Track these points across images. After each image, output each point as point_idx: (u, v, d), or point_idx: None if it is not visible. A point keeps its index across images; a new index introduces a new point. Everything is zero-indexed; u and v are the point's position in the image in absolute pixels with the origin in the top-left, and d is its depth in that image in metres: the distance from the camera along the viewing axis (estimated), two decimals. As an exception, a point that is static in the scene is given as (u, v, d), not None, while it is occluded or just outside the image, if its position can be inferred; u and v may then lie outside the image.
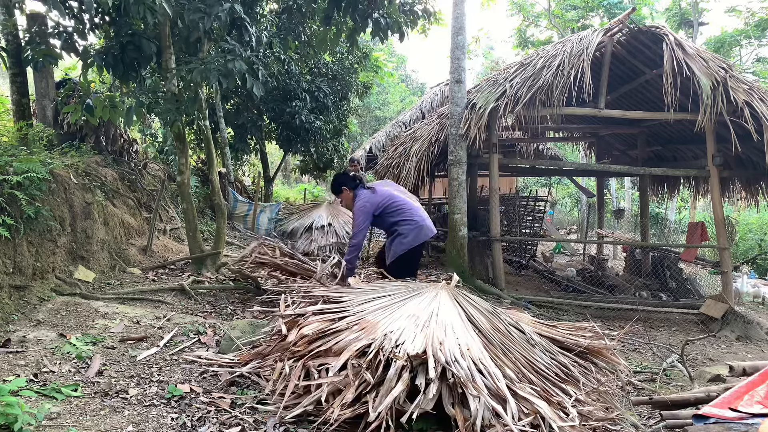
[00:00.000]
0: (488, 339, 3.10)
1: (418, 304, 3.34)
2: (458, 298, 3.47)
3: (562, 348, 3.38)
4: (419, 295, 3.47)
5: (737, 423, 2.40)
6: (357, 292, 3.69)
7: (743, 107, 6.32)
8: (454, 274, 4.19)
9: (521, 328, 3.39)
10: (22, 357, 3.31)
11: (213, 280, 5.78)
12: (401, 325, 3.07)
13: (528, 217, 12.07)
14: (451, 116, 7.51)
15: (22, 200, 4.09)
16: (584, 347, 3.40)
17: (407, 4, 6.24)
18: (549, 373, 3.03)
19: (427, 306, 3.32)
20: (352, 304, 3.41)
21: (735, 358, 5.30)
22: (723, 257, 7.24)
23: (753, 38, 17.83)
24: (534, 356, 3.12)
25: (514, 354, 3.06)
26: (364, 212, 4.67)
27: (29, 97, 6.04)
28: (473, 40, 23.29)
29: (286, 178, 22.72)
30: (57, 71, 6.85)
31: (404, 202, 4.74)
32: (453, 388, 2.60)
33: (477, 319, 3.27)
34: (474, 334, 3.09)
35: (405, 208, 4.70)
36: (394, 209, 4.69)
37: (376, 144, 13.87)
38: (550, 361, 3.15)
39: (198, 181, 9.43)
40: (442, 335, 2.94)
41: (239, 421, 2.74)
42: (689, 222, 13.50)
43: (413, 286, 3.74)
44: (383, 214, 4.71)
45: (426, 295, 3.48)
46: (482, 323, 3.24)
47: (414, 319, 3.14)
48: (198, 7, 4.89)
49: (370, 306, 3.36)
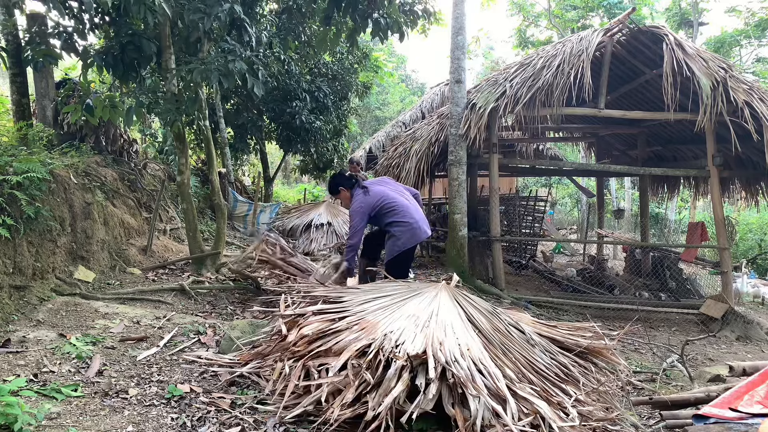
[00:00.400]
0: (488, 339, 3.10)
1: (418, 304, 3.34)
2: (458, 299, 3.47)
3: (562, 348, 3.39)
4: (419, 295, 3.48)
5: (737, 423, 2.40)
6: (357, 292, 3.69)
7: (743, 107, 6.32)
8: (454, 274, 4.19)
9: (521, 328, 3.39)
10: (22, 357, 3.31)
11: (213, 280, 5.78)
12: (401, 325, 3.07)
13: (528, 217, 12.07)
14: (451, 116, 7.51)
15: (22, 200, 4.08)
16: (584, 347, 3.40)
17: (407, 4, 6.24)
18: (549, 373, 3.03)
19: (427, 306, 3.32)
20: (352, 304, 3.41)
21: (735, 358, 5.30)
22: (723, 257, 7.24)
23: (753, 38, 17.83)
24: (534, 356, 3.13)
25: (514, 354, 3.06)
26: (359, 213, 4.63)
27: (29, 97, 6.03)
28: (473, 40, 23.30)
29: (286, 178, 22.72)
30: (57, 71, 6.85)
31: (398, 203, 4.63)
32: (453, 388, 2.60)
33: (477, 318, 3.27)
34: (474, 334, 3.09)
35: (399, 208, 4.63)
36: (387, 209, 4.64)
37: (376, 144, 13.87)
38: (550, 362, 3.16)
39: (198, 181, 9.43)
40: (442, 335, 2.95)
41: (239, 421, 2.74)
42: (689, 222, 13.50)
43: (413, 286, 3.74)
44: (378, 214, 4.67)
45: (426, 295, 3.48)
46: (482, 323, 3.24)
47: (414, 319, 3.14)
48: (198, 7, 4.89)
49: (370, 306, 3.36)
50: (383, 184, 4.95)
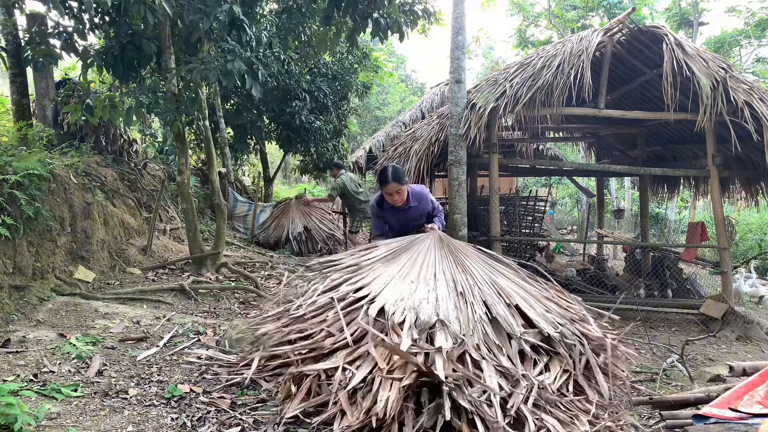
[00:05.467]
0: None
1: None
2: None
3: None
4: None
5: (737, 423, 2.40)
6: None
7: (743, 107, 6.32)
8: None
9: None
10: (22, 357, 3.31)
11: (213, 280, 5.78)
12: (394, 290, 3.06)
13: (528, 217, 12.06)
14: (451, 116, 7.50)
15: (22, 200, 4.08)
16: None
17: (407, 4, 6.24)
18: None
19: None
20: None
21: (735, 358, 5.30)
22: (723, 257, 7.23)
23: (753, 38, 17.82)
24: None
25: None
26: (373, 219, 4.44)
27: (29, 97, 6.04)
28: (473, 40, 23.29)
29: (286, 178, 22.71)
30: (57, 71, 6.85)
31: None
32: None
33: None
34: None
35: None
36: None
37: (376, 144, 13.86)
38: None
39: (198, 181, 9.43)
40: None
41: (239, 421, 2.74)
42: (689, 222, 13.50)
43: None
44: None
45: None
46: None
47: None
48: (198, 7, 4.89)
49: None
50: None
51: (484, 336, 2.96)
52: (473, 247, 3.89)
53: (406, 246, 3.67)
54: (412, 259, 3.51)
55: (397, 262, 3.50)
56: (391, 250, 3.65)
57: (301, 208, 9.62)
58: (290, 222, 9.36)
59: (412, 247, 3.63)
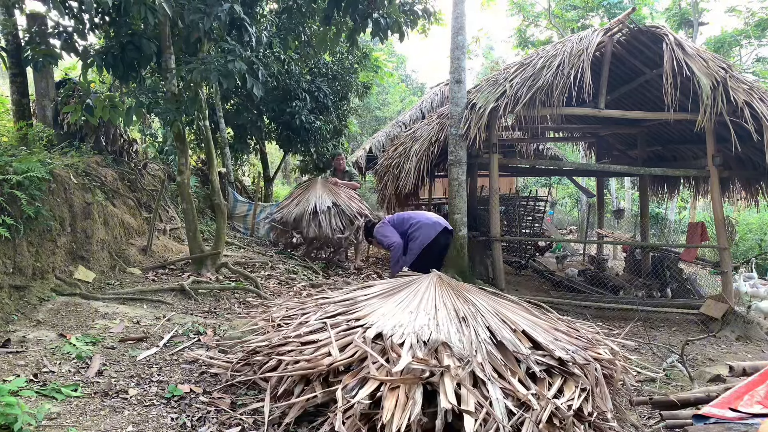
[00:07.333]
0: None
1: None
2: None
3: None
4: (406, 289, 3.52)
5: (737, 423, 2.40)
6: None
7: (743, 107, 6.32)
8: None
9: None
10: (22, 357, 3.31)
11: (213, 280, 5.78)
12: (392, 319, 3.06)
13: (528, 217, 12.06)
14: (451, 116, 7.50)
15: (22, 200, 4.08)
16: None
17: (407, 4, 6.24)
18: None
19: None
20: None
21: (735, 358, 5.30)
22: (723, 257, 7.23)
23: (753, 38, 17.83)
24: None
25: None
26: (384, 227, 5.89)
27: (29, 97, 6.03)
28: (473, 40, 23.29)
29: (286, 178, 22.70)
30: (57, 71, 6.84)
31: (413, 213, 5.96)
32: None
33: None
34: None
35: (415, 216, 5.95)
36: (406, 220, 5.88)
37: (376, 144, 13.86)
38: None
39: (198, 181, 9.42)
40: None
41: (239, 421, 2.74)
42: (689, 222, 13.50)
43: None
44: (400, 228, 5.82)
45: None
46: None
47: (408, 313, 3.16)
48: (198, 7, 4.89)
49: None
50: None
51: (489, 356, 2.81)
52: (475, 286, 3.87)
53: (405, 284, 3.64)
54: (412, 294, 3.45)
55: (396, 297, 3.45)
56: (387, 289, 3.61)
57: (328, 186, 9.15)
58: (317, 197, 8.70)
59: (410, 285, 3.59)
